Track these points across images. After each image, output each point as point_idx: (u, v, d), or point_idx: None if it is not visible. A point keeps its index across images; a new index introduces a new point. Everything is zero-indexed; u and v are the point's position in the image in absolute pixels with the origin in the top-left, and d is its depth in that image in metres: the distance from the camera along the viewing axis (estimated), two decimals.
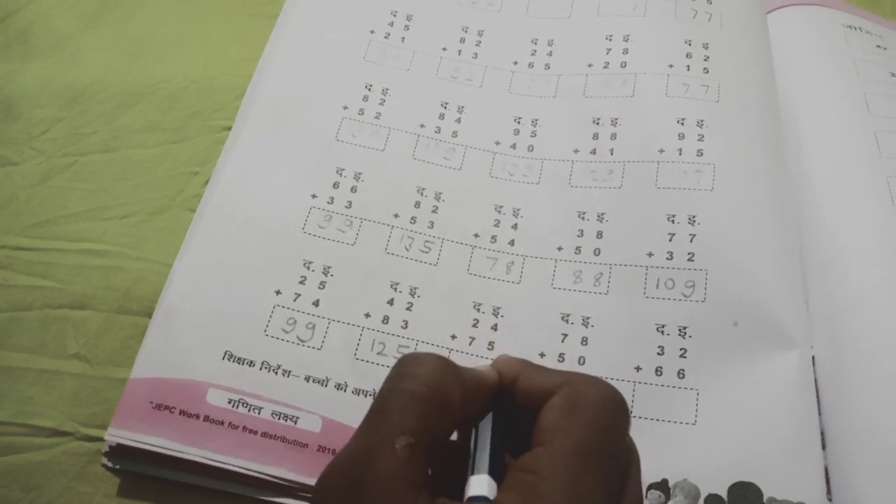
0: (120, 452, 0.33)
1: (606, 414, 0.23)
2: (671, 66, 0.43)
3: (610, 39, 0.45)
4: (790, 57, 0.44)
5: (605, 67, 0.44)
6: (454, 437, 0.26)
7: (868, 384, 0.33)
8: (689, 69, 0.43)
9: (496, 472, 0.22)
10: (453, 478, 0.23)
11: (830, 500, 0.32)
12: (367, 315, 0.36)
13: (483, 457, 0.23)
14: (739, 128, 0.41)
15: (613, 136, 0.41)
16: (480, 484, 0.22)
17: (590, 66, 0.44)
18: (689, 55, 0.43)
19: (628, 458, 0.24)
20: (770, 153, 0.40)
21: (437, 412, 0.23)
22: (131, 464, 0.33)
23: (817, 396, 0.34)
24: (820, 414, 0.33)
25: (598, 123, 0.42)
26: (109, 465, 0.33)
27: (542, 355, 0.36)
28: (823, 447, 0.33)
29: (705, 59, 0.43)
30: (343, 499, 0.21)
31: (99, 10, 0.48)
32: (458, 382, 0.23)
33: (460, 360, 0.35)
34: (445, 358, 0.24)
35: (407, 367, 0.24)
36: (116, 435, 0.32)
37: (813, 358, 0.35)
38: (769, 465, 0.32)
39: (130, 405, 0.33)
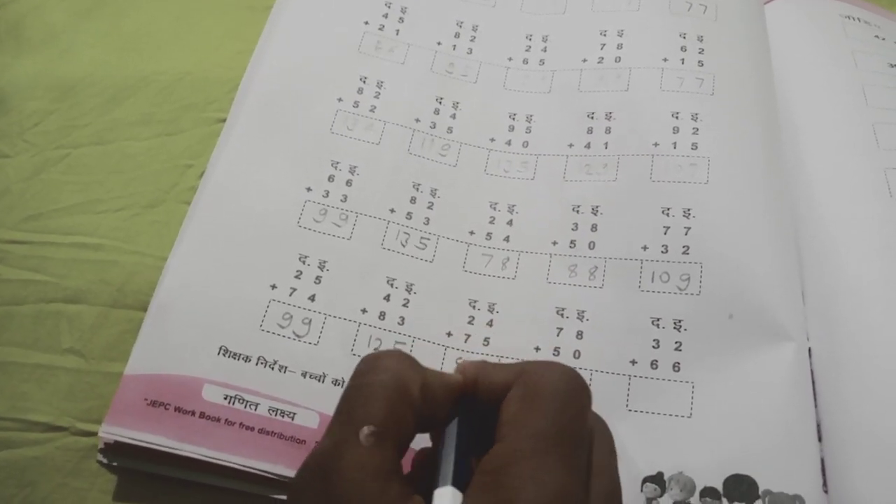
0: (115, 449, 0.33)
1: (564, 396, 0.23)
2: (665, 59, 0.43)
3: (604, 34, 0.45)
4: (787, 48, 0.44)
5: (599, 62, 0.44)
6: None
7: (864, 377, 0.33)
8: (683, 63, 0.43)
9: (462, 481, 0.22)
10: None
11: (826, 492, 0.32)
12: (364, 311, 0.36)
13: (447, 467, 0.23)
14: (734, 121, 0.41)
15: (608, 131, 0.41)
16: (444, 497, 0.22)
17: (584, 61, 0.44)
18: (683, 48, 0.43)
19: (591, 435, 0.24)
20: (766, 146, 0.40)
21: (398, 401, 0.23)
22: (127, 460, 0.33)
23: (813, 389, 0.34)
24: (816, 406, 0.33)
25: (592, 118, 0.42)
26: (104, 461, 0.33)
27: (537, 349, 0.36)
28: (819, 440, 0.33)
29: (700, 53, 0.43)
30: (315, 493, 0.21)
31: (92, 3, 0.48)
32: (417, 372, 0.24)
33: (456, 357, 0.36)
34: (406, 353, 0.24)
35: (368, 364, 0.24)
36: (111, 432, 0.32)
37: (809, 350, 0.35)
38: (765, 458, 0.32)
39: (125, 402, 0.33)
